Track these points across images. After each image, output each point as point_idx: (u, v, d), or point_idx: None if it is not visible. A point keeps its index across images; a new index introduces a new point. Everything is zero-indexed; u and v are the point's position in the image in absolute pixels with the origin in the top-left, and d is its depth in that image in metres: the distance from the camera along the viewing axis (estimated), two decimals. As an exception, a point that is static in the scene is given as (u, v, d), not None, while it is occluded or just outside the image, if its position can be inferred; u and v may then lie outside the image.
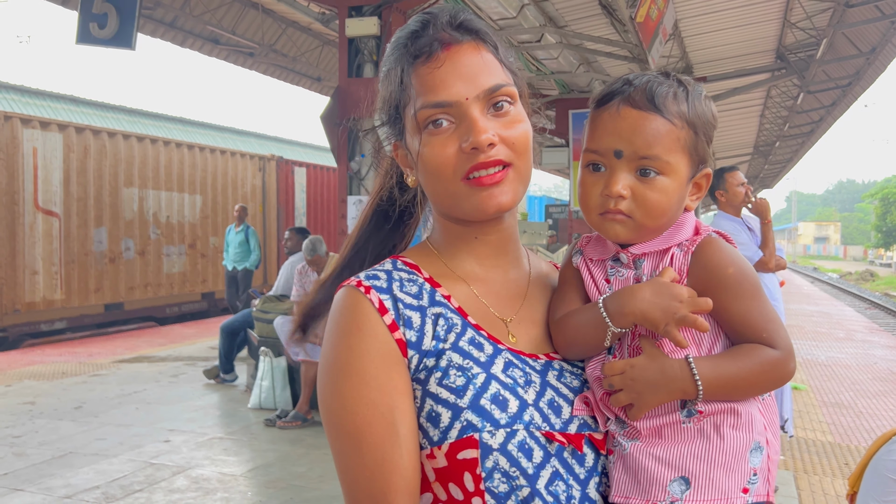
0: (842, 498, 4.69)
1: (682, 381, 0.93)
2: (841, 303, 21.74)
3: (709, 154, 1.05)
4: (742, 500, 0.92)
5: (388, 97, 1.07)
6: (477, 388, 0.95)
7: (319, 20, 10.16)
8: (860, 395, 8.02)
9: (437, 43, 0.99)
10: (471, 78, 0.98)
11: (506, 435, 0.93)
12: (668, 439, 0.95)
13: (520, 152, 1.00)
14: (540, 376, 1.00)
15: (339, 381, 0.98)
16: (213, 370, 7.81)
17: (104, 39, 7.46)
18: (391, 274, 1.05)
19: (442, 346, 0.99)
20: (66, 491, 4.58)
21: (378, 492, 0.94)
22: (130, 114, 19.14)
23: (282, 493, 4.58)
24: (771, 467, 0.96)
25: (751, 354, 0.95)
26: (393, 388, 0.96)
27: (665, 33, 9.28)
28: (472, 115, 0.97)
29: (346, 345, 0.98)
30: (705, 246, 1.00)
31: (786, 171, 32.74)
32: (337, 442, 0.98)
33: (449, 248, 1.10)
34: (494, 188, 0.98)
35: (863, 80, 13.42)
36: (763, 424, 0.97)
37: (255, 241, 11.48)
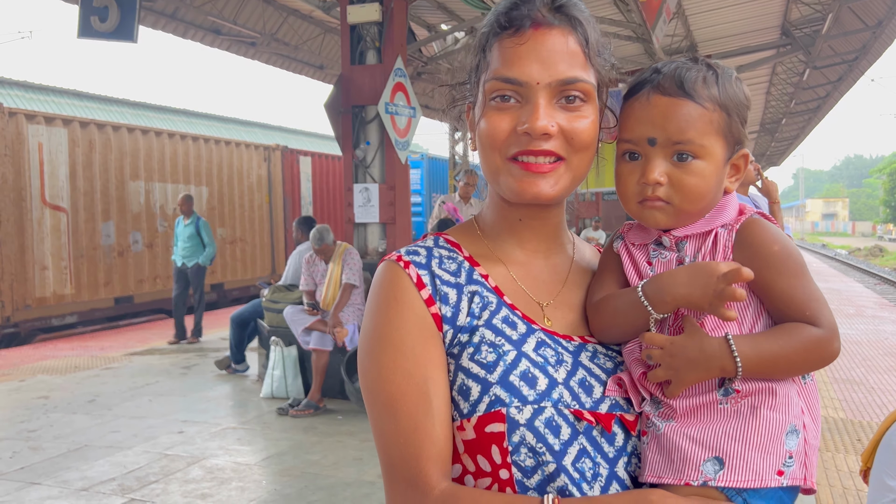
0: (855, 474, 4.70)
1: (720, 359, 0.92)
2: (850, 279, 21.66)
3: (744, 135, 1.05)
4: (776, 482, 0.91)
5: (472, 59, 1.07)
6: (507, 364, 0.98)
7: (321, 8, 10.12)
8: (871, 370, 8.00)
9: (528, 20, 0.98)
10: (549, 64, 0.97)
11: (533, 411, 0.95)
12: (704, 419, 0.95)
13: (577, 148, 0.99)
14: (573, 357, 1.02)
15: (376, 351, 1.01)
16: (225, 361, 7.85)
17: (106, 33, 7.46)
18: (431, 251, 1.08)
19: (476, 323, 1.01)
20: (83, 483, 4.62)
21: (410, 456, 0.97)
22: (134, 107, 19.16)
23: (296, 481, 4.61)
24: (809, 451, 0.95)
25: (792, 333, 0.95)
26: (428, 360, 0.99)
27: (669, 12, 9.20)
28: (537, 100, 0.97)
29: (385, 317, 1.02)
30: (750, 225, 1.01)
31: (793, 148, 32.54)
32: (374, 408, 1.01)
33: (493, 229, 1.12)
34: (539, 177, 0.99)
35: (869, 55, 13.32)
36: (801, 408, 0.96)
37: (209, 234, 10.22)
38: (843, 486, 4.52)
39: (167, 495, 4.40)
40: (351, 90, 6.83)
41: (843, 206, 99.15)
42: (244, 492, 4.46)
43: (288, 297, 7.02)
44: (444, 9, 10.45)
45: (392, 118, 6.73)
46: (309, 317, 6.46)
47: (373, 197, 6.76)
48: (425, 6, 10.26)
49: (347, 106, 6.87)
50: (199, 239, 10.06)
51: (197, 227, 10.04)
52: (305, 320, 6.44)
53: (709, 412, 0.95)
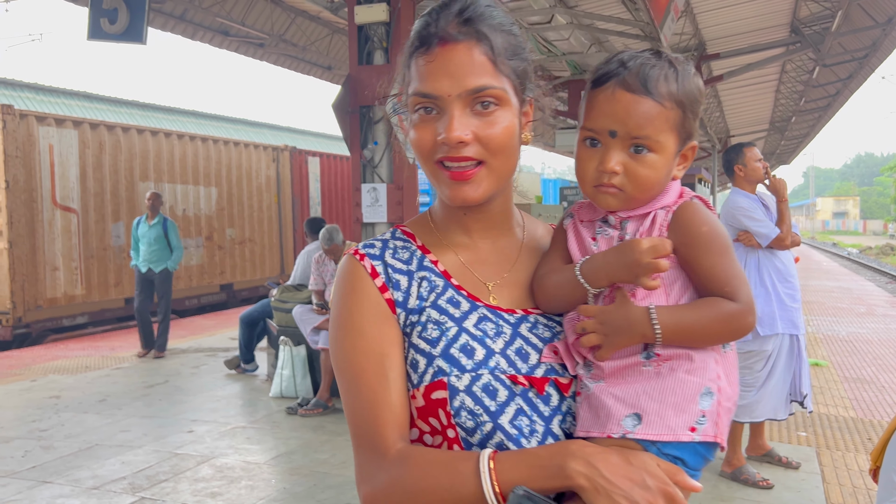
0: (865, 473, 4.68)
1: (642, 326, 1.02)
2: (861, 277, 21.53)
3: (695, 129, 1.14)
4: (688, 437, 1.00)
5: (402, 74, 1.17)
6: (448, 339, 1.11)
7: (328, 8, 10.14)
8: (882, 369, 7.96)
9: (435, 38, 1.08)
10: (457, 76, 1.07)
11: (471, 378, 1.07)
12: (628, 380, 1.04)
13: (495, 151, 1.09)
14: (512, 328, 1.14)
15: (340, 335, 1.15)
16: (234, 360, 7.88)
17: (115, 35, 7.50)
18: (387, 243, 1.22)
19: (423, 305, 1.15)
20: (94, 482, 4.65)
21: (371, 423, 1.10)
22: (144, 108, 19.25)
23: (305, 480, 4.62)
24: (721, 413, 1.03)
25: (711, 306, 1.04)
26: (384, 340, 1.12)
27: (677, 10, 9.17)
28: (450, 112, 1.07)
29: (345, 304, 1.16)
30: (685, 207, 1.10)
31: (803, 147, 32.38)
32: (342, 385, 1.15)
33: (443, 220, 1.23)
34: (464, 183, 1.09)
35: (879, 52, 13.21)
36: (717, 373, 1.04)
37: (177, 237, 9.31)
38: (854, 484, 4.50)
39: (177, 494, 4.42)
40: (358, 90, 6.84)
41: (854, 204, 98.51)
42: (253, 490, 4.48)
43: (297, 297, 7.04)
44: (452, 8, 10.43)
45: (399, 118, 6.73)
46: (318, 316, 6.48)
47: (381, 197, 6.77)
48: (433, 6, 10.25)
49: (355, 106, 6.87)
50: (166, 241, 9.17)
51: (164, 229, 9.16)
52: (314, 320, 6.46)
53: (633, 374, 1.05)
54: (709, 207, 1.12)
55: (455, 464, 1.02)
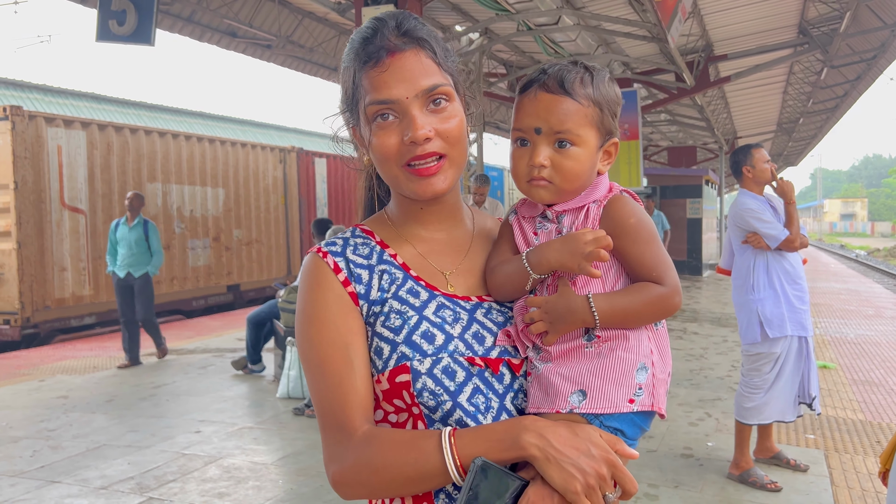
0: (874, 476, 4.65)
1: (582, 313, 1.12)
2: (869, 280, 21.43)
3: (615, 127, 1.25)
4: (628, 408, 1.11)
5: (346, 90, 1.26)
6: (410, 327, 1.18)
7: (335, 10, 10.16)
8: (891, 372, 7.92)
9: (383, 50, 1.17)
10: (411, 80, 1.16)
11: (432, 362, 1.15)
12: (573, 360, 1.15)
13: (453, 143, 1.19)
14: (468, 314, 1.22)
15: (306, 327, 1.22)
16: (241, 361, 7.90)
17: (123, 36, 7.53)
18: (347, 240, 1.29)
19: (385, 296, 1.22)
20: (102, 482, 4.67)
21: (337, 406, 1.17)
22: (151, 109, 19.31)
23: (312, 481, 4.63)
24: (656, 384, 1.14)
25: (641, 290, 1.15)
26: (348, 330, 1.20)
27: (684, 11, 9.15)
28: (411, 113, 1.16)
29: (310, 298, 1.22)
30: (615, 201, 1.21)
31: (810, 148, 32.25)
32: (308, 373, 1.21)
33: (399, 216, 1.32)
34: (431, 178, 1.18)
35: (888, 53, 13.17)
36: (650, 349, 1.16)
37: (158, 240, 8.81)
38: (862, 487, 4.48)
39: (184, 494, 4.43)
40: (366, 92, 6.85)
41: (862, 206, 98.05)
42: (261, 491, 4.49)
43: (304, 298, 7.05)
44: (459, 10, 10.46)
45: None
46: None
47: (388, 198, 6.79)
48: (439, 7, 10.27)
49: (362, 107, 6.89)
50: (147, 245, 8.65)
51: (145, 231, 8.64)
52: None
53: (577, 354, 1.15)
54: (636, 200, 1.23)
55: (418, 441, 1.10)
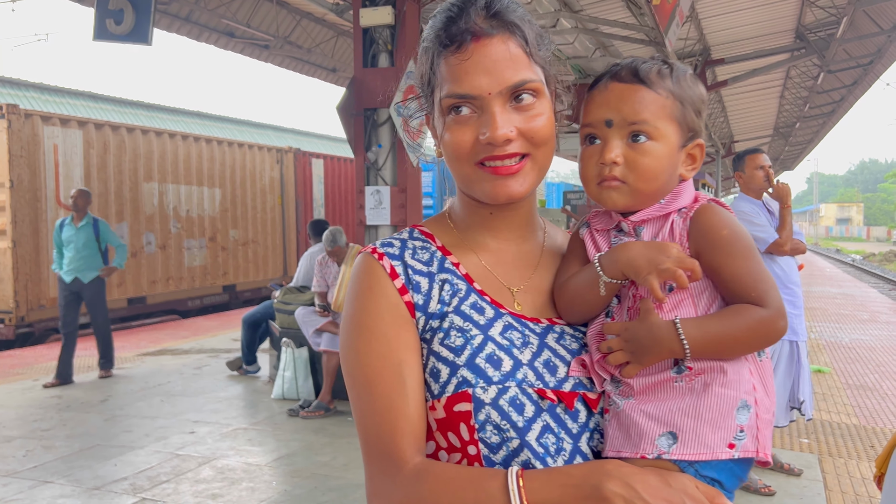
0: (867, 480, 4.66)
1: (669, 342, 0.97)
2: (864, 284, 21.48)
3: (700, 127, 1.12)
4: (727, 455, 0.95)
5: (423, 73, 1.11)
6: (474, 347, 1.03)
7: (333, 11, 10.15)
8: (885, 377, 7.94)
9: (467, 34, 1.02)
10: (496, 72, 1.01)
11: (497, 391, 1.00)
12: (660, 396, 1.00)
13: (538, 144, 1.05)
14: (539, 338, 1.07)
15: (354, 337, 1.08)
16: (236, 362, 7.89)
17: (121, 35, 7.51)
18: (405, 242, 1.14)
19: (446, 310, 1.07)
20: (95, 482, 4.65)
21: (386, 433, 1.02)
22: (148, 109, 19.28)
23: (306, 482, 4.62)
24: (761, 425, 0.98)
25: (739, 314, 0.99)
26: (401, 344, 1.05)
27: (682, 15, 9.16)
28: (492, 110, 1.01)
29: (361, 305, 1.08)
30: (703, 211, 1.05)
31: (807, 153, 32.34)
32: (353, 390, 1.07)
33: (464, 220, 1.17)
34: (509, 178, 1.04)
35: (884, 59, 13.19)
36: (752, 384, 0.99)
37: (114, 235, 8.13)
38: (856, 492, 4.49)
39: (178, 495, 4.42)
40: (363, 93, 6.85)
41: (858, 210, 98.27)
42: (254, 492, 4.47)
43: (299, 299, 7.04)
44: (457, 12, 10.45)
45: (404, 121, 6.74)
46: (320, 318, 6.48)
47: (384, 199, 6.77)
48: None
49: (359, 109, 6.88)
50: (97, 246, 7.85)
51: (95, 231, 7.82)
52: (316, 322, 6.46)
53: (664, 389, 1.00)
54: (727, 210, 1.08)
55: (480, 481, 0.95)
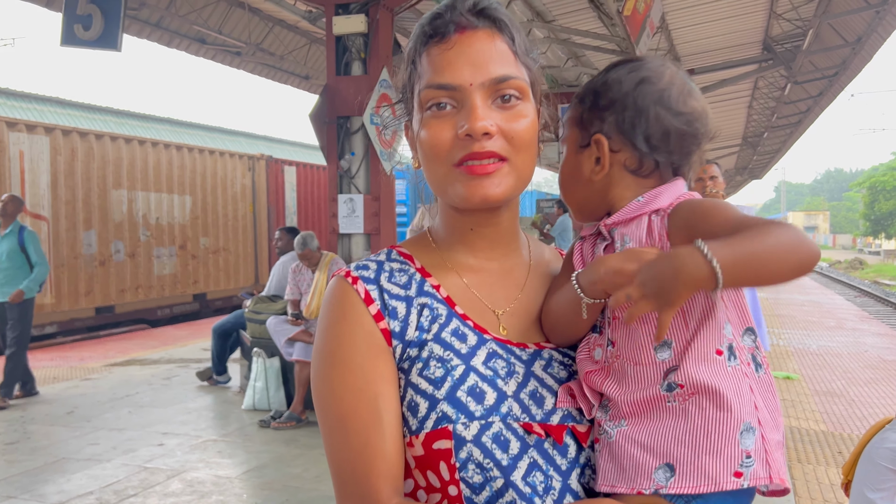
0: (836, 486, 4.72)
1: (696, 268, 0.81)
2: (831, 291, 21.86)
3: None
4: (735, 484, 0.86)
5: (404, 76, 1.07)
6: (455, 379, 0.96)
7: (306, 18, 10.11)
8: (852, 383, 8.06)
9: (452, 25, 0.98)
10: (480, 64, 0.97)
11: (480, 427, 0.93)
12: (653, 421, 0.92)
13: (518, 148, 0.98)
14: (525, 366, 1.01)
15: (326, 368, 1.00)
16: (206, 372, 7.78)
17: (89, 41, 7.39)
18: (382, 265, 1.07)
19: (425, 337, 1.00)
20: (60, 497, 4.55)
21: (361, 474, 0.96)
22: (117, 115, 19.02)
23: (278, 495, 4.56)
24: (769, 448, 0.89)
25: (768, 227, 0.84)
26: (378, 377, 0.98)
27: (652, 26, 9.28)
28: (472, 101, 0.96)
29: (334, 334, 1.01)
30: (682, 203, 0.98)
31: (774, 162, 32.89)
32: (325, 426, 1.00)
33: (446, 239, 1.10)
34: (485, 178, 0.96)
35: (849, 70, 13.47)
36: (753, 402, 0.90)
37: (39, 250, 7.25)
38: (824, 498, 4.54)
39: (146, 509, 4.34)
40: (336, 101, 6.82)
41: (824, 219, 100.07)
42: (225, 505, 4.41)
43: (271, 308, 6.97)
44: (430, 21, 10.48)
45: (377, 129, 6.72)
46: (291, 327, 6.42)
47: (357, 208, 6.74)
48: (411, 17, 10.28)
49: (332, 117, 6.85)
50: (25, 257, 7.10)
51: (21, 241, 7.05)
52: (288, 331, 6.40)
53: (657, 411, 0.92)
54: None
55: None
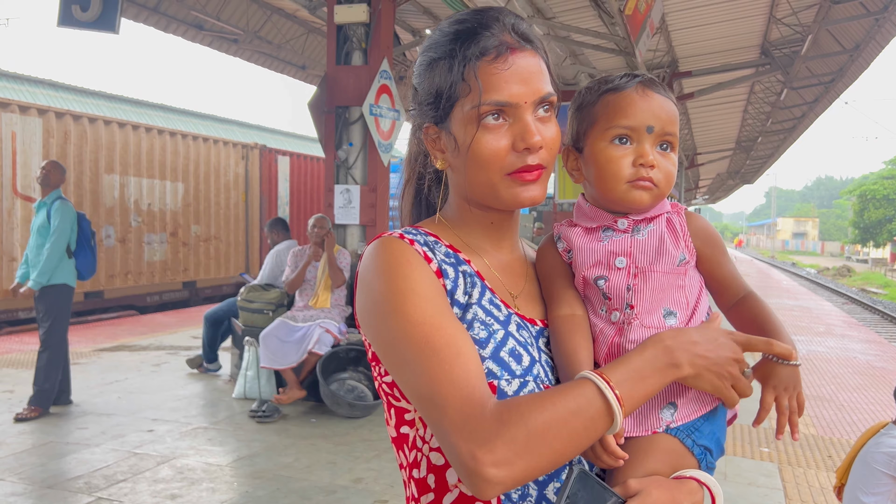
0: (826, 489, 4.74)
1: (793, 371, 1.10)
2: (820, 297, 21.98)
3: None
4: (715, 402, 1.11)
5: (439, 84, 1.12)
6: (497, 342, 1.07)
7: (306, 7, 10.06)
8: (841, 388, 8.11)
9: (504, 46, 1.08)
10: (531, 82, 1.08)
11: (519, 384, 1.04)
12: None
13: (552, 156, 1.12)
14: (535, 340, 1.14)
15: (398, 304, 1.03)
16: (197, 359, 7.73)
17: (87, 22, 7.33)
18: (422, 235, 1.15)
19: (469, 301, 1.10)
20: (48, 481, 4.50)
21: (460, 378, 0.98)
22: (111, 100, 18.88)
23: (268, 484, 4.54)
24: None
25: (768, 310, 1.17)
26: (450, 311, 1.05)
27: (652, 27, 9.27)
28: (526, 118, 1.08)
29: (402, 274, 1.05)
30: (692, 214, 1.18)
31: (766, 167, 32.97)
32: (406, 355, 1.01)
33: (463, 226, 1.20)
34: (531, 185, 1.10)
35: (845, 77, 13.53)
36: None
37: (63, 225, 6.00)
38: (815, 501, 4.56)
39: (135, 495, 4.30)
40: (335, 90, 6.79)
41: (814, 225, 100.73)
42: (215, 493, 4.38)
43: (264, 297, 6.93)
44: (430, 14, 10.44)
45: (376, 120, 6.69)
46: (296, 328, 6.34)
47: (354, 198, 6.71)
48: (411, 10, 10.25)
49: (331, 106, 6.82)
50: None
51: (49, 213, 6.07)
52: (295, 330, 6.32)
53: None
54: None
55: (571, 391, 0.97)
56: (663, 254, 1.14)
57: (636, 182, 1.14)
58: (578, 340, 1.12)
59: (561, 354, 1.12)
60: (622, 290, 1.14)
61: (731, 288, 1.18)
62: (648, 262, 1.14)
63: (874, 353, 10.91)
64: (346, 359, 6.27)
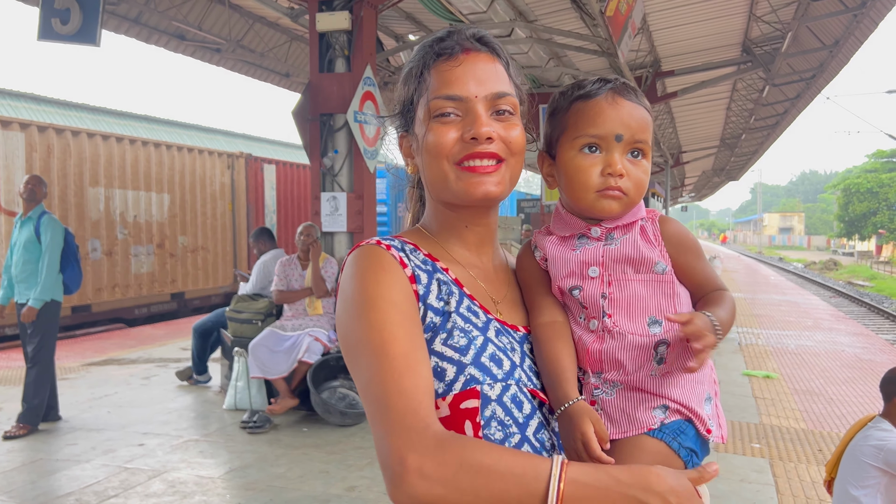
0: (817, 483, 4.77)
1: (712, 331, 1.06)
2: (807, 291, 22.12)
3: None
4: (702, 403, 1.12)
5: (405, 91, 1.21)
6: (477, 348, 1.09)
7: (288, 15, 10.05)
8: (830, 382, 8.16)
9: (458, 46, 1.15)
10: (482, 81, 1.14)
11: (502, 388, 1.07)
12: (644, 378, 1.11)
13: (514, 152, 1.14)
14: (519, 345, 1.16)
15: (365, 309, 1.07)
16: (186, 371, 7.69)
17: (67, 35, 7.28)
18: (401, 243, 1.19)
19: (446, 308, 1.12)
20: (40, 499, 4.47)
21: (406, 391, 1.00)
22: (94, 112, 18.78)
23: (261, 495, 4.52)
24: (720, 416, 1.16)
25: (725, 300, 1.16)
26: (416, 318, 1.08)
27: (634, 27, 9.31)
28: (476, 111, 1.12)
29: (374, 280, 1.09)
30: (666, 219, 1.19)
31: (751, 163, 33.13)
32: (363, 358, 1.05)
33: (441, 234, 1.23)
34: (486, 177, 1.12)
35: (826, 73, 13.62)
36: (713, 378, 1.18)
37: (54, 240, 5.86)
38: (806, 495, 4.58)
39: (127, 510, 4.28)
40: (319, 98, 6.78)
41: (800, 220, 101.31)
42: (207, 506, 4.35)
43: (252, 307, 6.91)
44: (413, 19, 10.45)
45: (361, 127, 6.69)
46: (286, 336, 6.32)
47: (340, 206, 6.70)
48: (393, 16, 10.25)
49: (315, 114, 6.81)
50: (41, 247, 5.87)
51: (37, 228, 5.88)
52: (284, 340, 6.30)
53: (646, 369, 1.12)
54: None
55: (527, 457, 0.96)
56: (638, 262, 1.14)
57: (605, 191, 1.14)
58: (560, 347, 1.14)
59: (544, 361, 1.14)
60: (597, 300, 1.15)
61: (706, 290, 1.18)
62: (622, 271, 1.15)
63: (861, 346, 10.99)
64: (336, 367, 6.25)
